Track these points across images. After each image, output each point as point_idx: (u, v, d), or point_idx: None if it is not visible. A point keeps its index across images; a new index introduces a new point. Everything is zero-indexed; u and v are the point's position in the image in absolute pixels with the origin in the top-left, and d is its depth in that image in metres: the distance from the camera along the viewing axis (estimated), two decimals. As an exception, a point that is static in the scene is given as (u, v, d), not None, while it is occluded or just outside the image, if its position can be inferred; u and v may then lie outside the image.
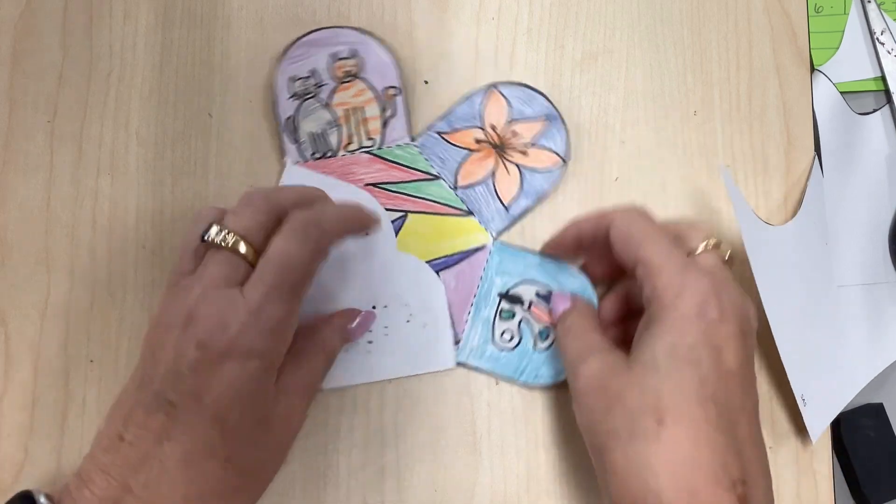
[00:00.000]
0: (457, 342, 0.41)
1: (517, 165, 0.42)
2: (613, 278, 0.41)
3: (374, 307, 0.41)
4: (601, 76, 0.44)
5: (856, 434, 0.41)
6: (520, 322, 0.41)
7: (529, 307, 0.41)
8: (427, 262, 0.42)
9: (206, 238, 0.34)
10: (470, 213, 0.42)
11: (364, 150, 0.43)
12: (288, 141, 0.43)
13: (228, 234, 0.34)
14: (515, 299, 0.41)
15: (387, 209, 0.42)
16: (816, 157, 0.43)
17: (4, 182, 0.43)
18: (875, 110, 0.44)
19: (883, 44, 0.44)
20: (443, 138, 0.43)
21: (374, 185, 0.42)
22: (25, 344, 0.42)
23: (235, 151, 0.44)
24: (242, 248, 0.34)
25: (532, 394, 0.41)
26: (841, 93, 0.44)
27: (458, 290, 0.42)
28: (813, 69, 0.44)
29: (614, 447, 0.32)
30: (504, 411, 0.41)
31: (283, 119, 0.43)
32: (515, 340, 0.41)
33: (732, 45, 0.44)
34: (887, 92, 0.44)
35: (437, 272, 0.42)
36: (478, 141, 0.43)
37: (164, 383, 0.32)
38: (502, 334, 0.41)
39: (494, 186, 0.42)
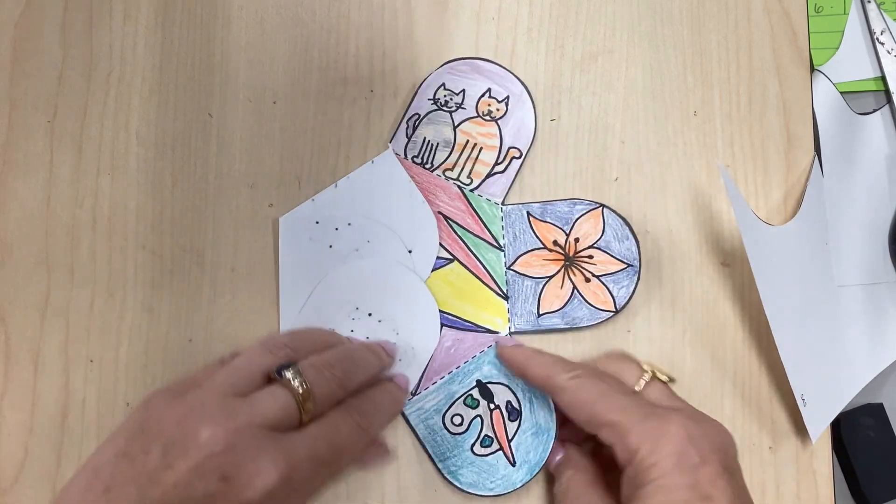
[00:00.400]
0: (413, 394, 0.41)
1: (573, 286, 0.42)
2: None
3: (370, 314, 0.41)
4: (601, 76, 0.44)
5: (856, 434, 0.41)
6: (475, 417, 0.40)
7: (493, 410, 0.40)
8: (441, 311, 0.42)
9: (281, 374, 0.34)
10: (506, 297, 0.42)
11: (458, 183, 0.43)
12: (402, 131, 0.43)
13: (304, 385, 0.33)
14: (488, 394, 0.41)
15: (442, 245, 0.42)
16: (816, 157, 0.43)
17: (4, 182, 0.43)
18: (875, 110, 0.44)
19: (883, 44, 0.44)
20: (529, 220, 0.42)
21: (445, 216, 0.42)
22: (25, 344, 0.42)
23: (235, 151, 0.44)
24: (308, 406, 0.33)
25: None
26: (841, 93, 0.44)
27: (448, 353, 0.41)
28: (813, 69, 0.44)
29: None
30: (504, 411, 0.41)
31: (411, 111, 0.43)
32: (461, 429, 0.40)
33: (732, 45, 0.44)
34: (887, 92, 0.44)
35: (442, 325, 0.42)
36: (555, 243, 0.42)
37: (170, 498, 0.30)
38: (454, 417, 0.40)
39: (541, 290, 0.42)
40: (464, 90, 0.43)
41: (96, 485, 0.31)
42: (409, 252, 0.42)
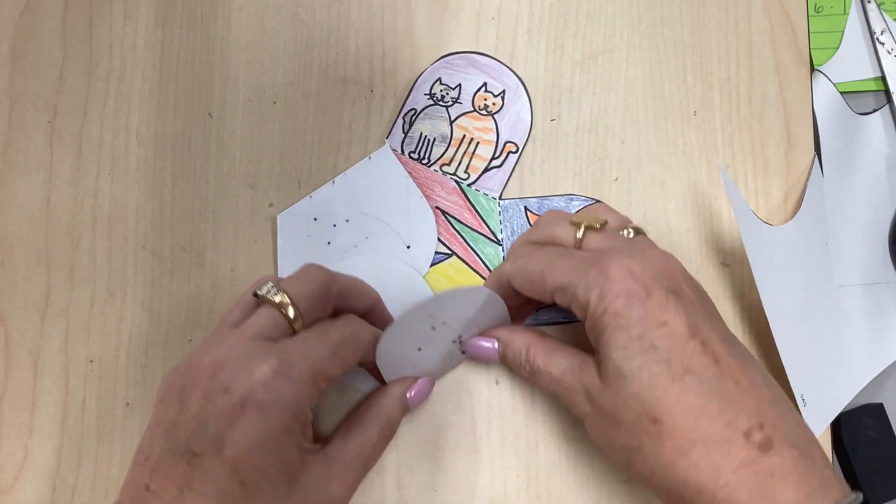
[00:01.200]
0: None
1: None
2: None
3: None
4: (601, 76, 0.44)
5: (856, 434, 0.41)
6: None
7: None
8: None
9: (258, 294, 0.35)
10: None
11: (455, 178, 0.43)
12: (399, 127, 0.43)
13: (279, 292, 0.34)
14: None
15: (440, 240, 0.42)
16: (816, 157, 0.43)
17: (4, 182, 0.43)
18: (875, 110, 0.44)
19: (883, 44, 0.44)
20: (526, 214, 0.42)
21: (442, 212, 0.43)
22: (25, 344, 0.42)
23: (235, 151, 0.44)
24: (289, 309, 0.34)
25: (532, 394, 0.41)
26: (841, 93, 0.44)
27: None
28: (813, 69, 0.44)
29: (634, 459, 0.33)
30: (504, 411, 0.41)
31: (407, 107, 0.43)
32: None
33: (732, 45, 0.44)
34: (887, 92, 0.44)
35: None
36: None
37: (190, 430, 0.31)
38: None
39: None
40: (460, 84, 0.43)
41: (139, 457, 0.33)
42: (408, 247, 0.42)
